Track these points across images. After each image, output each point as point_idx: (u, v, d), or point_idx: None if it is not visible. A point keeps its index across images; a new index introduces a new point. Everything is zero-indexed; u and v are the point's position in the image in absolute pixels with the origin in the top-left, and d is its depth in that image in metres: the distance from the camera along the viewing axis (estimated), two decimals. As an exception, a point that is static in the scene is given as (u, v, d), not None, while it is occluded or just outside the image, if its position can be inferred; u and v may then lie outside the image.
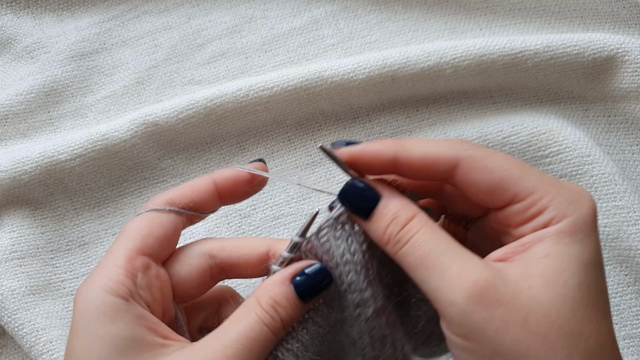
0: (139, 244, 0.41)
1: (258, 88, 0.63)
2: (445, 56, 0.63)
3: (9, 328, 0.59)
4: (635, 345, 0.60)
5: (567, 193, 0.38)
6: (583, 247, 0.36)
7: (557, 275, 0.35)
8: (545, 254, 0.36)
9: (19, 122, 0.66)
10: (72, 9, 0.70)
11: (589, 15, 0.68)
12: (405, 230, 0.38)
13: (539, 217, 0.37)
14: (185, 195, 0.45)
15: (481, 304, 0.35)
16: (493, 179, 0.38)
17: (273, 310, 0.39)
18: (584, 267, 0.36)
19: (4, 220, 0.62)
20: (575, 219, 0.37)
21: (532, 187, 0.37)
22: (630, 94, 0.64)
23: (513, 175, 0.38)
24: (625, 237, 0.61)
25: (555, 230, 0.37)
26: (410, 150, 0.39)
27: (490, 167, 0.38)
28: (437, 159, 0.38)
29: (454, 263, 0.36)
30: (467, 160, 0.38)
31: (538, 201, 0.37)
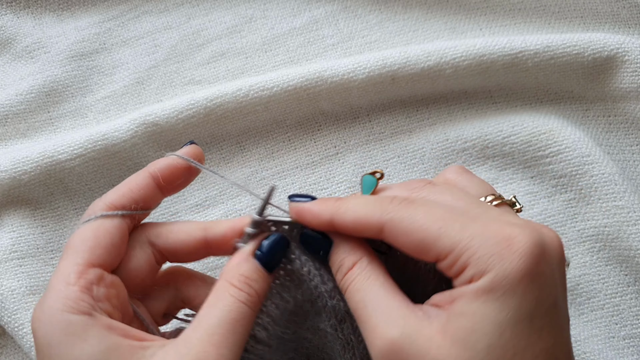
0: (88, 257, 0.40)
1: (258, 88, 0.63)
2: (445, 56, 0.63)
3: (9, 328, 0.59)
4: (635, 345, 0.60)
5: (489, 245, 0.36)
6: (502, 304, 0.35)
7: (466, 337, 0.35)
8: (461, 312, 0.35)
9: (19, 122, 0.66)
10: (72, 9, 0.70)
11: (589, 15, 0.68)
12: (345, 278, 0.40)
13: (461, 276, 0.36)
14: (125, 196, 0.44)
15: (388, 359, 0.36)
16: (414, 242, 0.37)
17: (247, 286, 0.40)
18: (499, 328, 0.35)
19: (4, 220, 0.62)
20: (494, 275, 0.35)
21: (450, 246, 0.36)
22: (630, 94, 0.64)
23: (431, 235, 0.37)
24: (625, 237, 0.61)
25: (472, 288, 0.36)
26: (343, 215, 0.40)
27: (409, 230, 0.37)
28: (365, 223, 0.39)
29: (374, 315, 0.37)
30: (389, 225, 0.38)
31: (458, 259, 0.36)
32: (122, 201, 0.43)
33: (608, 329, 0.61)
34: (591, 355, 0.60)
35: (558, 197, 0.64)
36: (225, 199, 0.65)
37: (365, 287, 0.39)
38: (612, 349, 0.60)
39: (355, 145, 0.66)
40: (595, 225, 0.62)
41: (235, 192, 0.66)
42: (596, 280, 0.62)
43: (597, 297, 0.62)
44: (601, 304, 0.62)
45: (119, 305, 0.42)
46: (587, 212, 0.63)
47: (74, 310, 0.38)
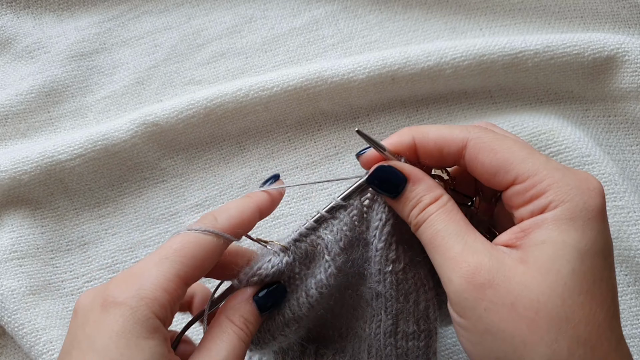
0: (190, 274, 0.41)
1: (258, 88, 0.63)
2: (445, 56, 0.63)
3: (9, 328, 0.59)
4: (636, 345, 0.60)
5: (570, 178, 0.38)
6: (581, 234, 0.37)
7: (550, 263, 0.36)
8: (542, 240, 0.37)
9: (19, 122, 0.66)
10: (72, 9, 0.70)
11: (589, 15, 0.68)
12: (424, 212, 0.41)
13: (536, 201, 0.38)
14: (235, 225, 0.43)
15: (474, 284, 0.37)
16: (497, 160, 0.39)
17: (245, 326, 0.43)
18: (580, 255, 0.36)
19: (4, 220, 0.62)
20: (574, 205, 0.37)
21: (534, 170, 0.38)
22: (630, 94, 0.64)
23: (517, 157, 0.38)
24: (625, 237, 0.61)
25: (552, 215, 0.37)
26: (426, 132, 0.42)
27: (495, 149, 0.39)
28: (448, 140, 0.41)
29: (456, 244, 0.39)
30: (474, 141, 0.40)
31: (538, 184, 0.38)
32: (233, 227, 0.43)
33: (608, 329, 0.61)
34: (591, 355, 0.60)
35: (558, 197, 0.64)
36: (225, 199, 0.65)
37: (448, 220, 0.40)
38: (612, 349, 0.60)
39: (355, 145, 0.66)
40: (595, 225, 0.62)
41: (236, 192, 0.66)
42: (596, 280, 0.62)
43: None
44: (601, 304, 0.62)
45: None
46: (587, 212, 0.63)
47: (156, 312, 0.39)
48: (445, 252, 0.39)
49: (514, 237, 0.38)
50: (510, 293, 0.36)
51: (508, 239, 0.39)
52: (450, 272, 0.38)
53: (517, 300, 0.36)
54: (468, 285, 0.37)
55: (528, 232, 0.38)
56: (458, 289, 0.38)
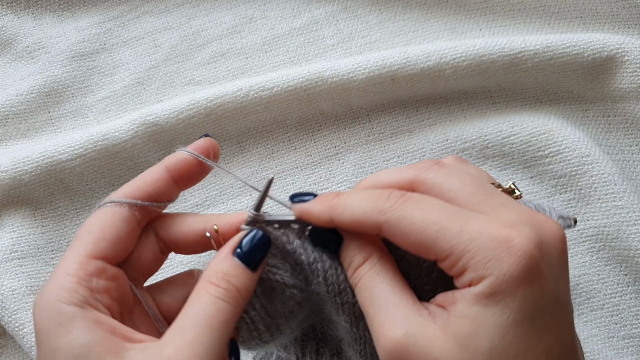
0: (91, 248, 0.40)
1: (258, 88, 0.63)
2: (445, 56, 0.63)
3: (9, 328, 0.59)
4: (635, 345, 0.60)
5: (487, 249, 0.35)
6: (502, 307, 0.35)
7: (468, 340, 0.35)
8: (463, 315, 0.36)
9: (20, 122, 0.66)
10: (73, 10, 0.70)
11: (588, 16, 0.68)
12: (355, 274, 0.40)
13: (461, 278, 0.37)
14: (139, 189, 0.43)
15: (393, 358, 0.36)
16: (413, 242, 0.37)
17: (226, 282, 0.40)
18: (499, 331, 0.35)
19: (5, 220, 0.63)
20: (494, 280, 0.35)
21: (448, 248, 0.36)
22: (629, 94, 0.64)
23: (430, 237, 0.37)
24: (625, 237, 0.61)
25: (472, 292, 0.36)
26: (340, 215, 0.40)
27: (407, 231, 0.37)
28: (363, 224, 0.39)
29: (379, 314, 0.38)
30: (386, 226, 0.38)
31: (457, 262, 0.36)
32: (135, 194, 0.43)
33: (607, 329, 0.61)
34: (591, 355, 0.60)
35: (558, 197, 0.64)
36: (225, 199, 0.65)
37: (374, 285, 0.39)
38: (611, 349, 0.60)
39: (355, 145, 0.66)
40: (594, 225, 0.62)
41: (236, 192, 0.66)
42: (596, 280, 0.62)
43: (597, 297, 0.62)
44: (601, 304, 0.62)
45: (118, 297, 0.42)
46: (586, 212, 0.63)
47: (66, 301, 0.38)
48: (372, 319, 0.38)
49: (445, 302, 0.38)
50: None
51: (443, 300, 0.38)
52: (376, 345, 0.38)
53: None
54: (389, 358, 0.37)
55: (455, 302, 0.37)
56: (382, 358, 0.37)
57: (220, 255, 0.41)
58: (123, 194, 0.43)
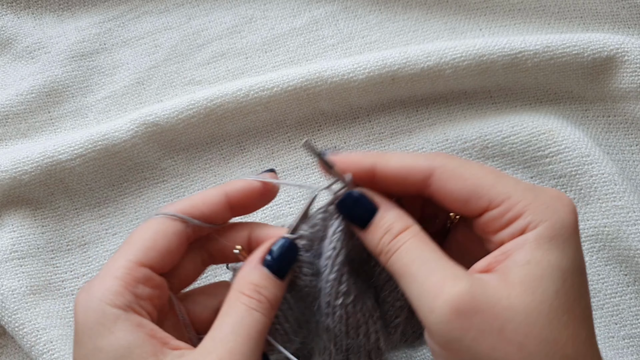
0: (141, 256, 0.41)
1: (258, 88, 0.63)
2: (445, 56, 0.63)
3: (9, 328, 0.59)
4: (635, 345, 0.60)
5: (543, 198, 0.37)
6: (562, 253, 0.36)
7: (535, 283, 0.36)
8: (526, 261, 0.36)
9: (20, 122, 0.66)
10: (73, 9, 0.70)
11: (588, 16, 0.68)
12: (395, 240, 0.39)
13: (515, 223, 0.37)
14: (195, 207, 0.44)
15: (458, 312, 0.35)
16: (467, 187, 0.38)
17: (257, 293, 0.40)
18: (563, 274, 0.36)
19: (4, 220, 0.63)
20: (553, 224, 0.36)
21: (506, 193, 0.37)
22: (629, 94, 0.64)
23: (487, 182, 0.38)
24: (625, 237, 0.61)
25: (534, 236, 0.36)
26: (388, 160, 0.40)
27: (464, 176, 0.38)
28: (412, 169, 0.39)
29: (434, 272, 0.37)
30: (440, 170, 0.38)
31: (514, 206, 0.37)
32: (191, 211, 0.44)
33: (607, 329, 0.61)
34: (591, 355, 0.60)
35: (558, 197, 0.64)
36: (225, 199, 0.65)
37: (423, 248, 0.39)
38: (611, 349, 0.60)
39: (355, 145, 0.66)
40: (594, 225, 0.62)
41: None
42: (596, 280, 0.62)
43: (597, 297, 0.62)
44: (601, 303, 0.62)
45: (159, 306, 0.43)
46: (586, 212, 0.63)
47: (111, 303, 0.39)
48: (423, 280, 0.37)
49: (494, 261, 0.38)
50: (497, 318, 0.35)
51: (488, 264, 0.38)
52: (432, 301, 0.36)
53: (504, 324, 0.35)
54: (452, 315, 0.35)
55: (509, 255, 0.37)
56: (442, 319, 0.35)
57: (250, 265, 0.42)
58: (180, 209, 0.44)
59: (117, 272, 0.40)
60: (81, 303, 0.40)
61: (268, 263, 0.42)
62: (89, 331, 0.39)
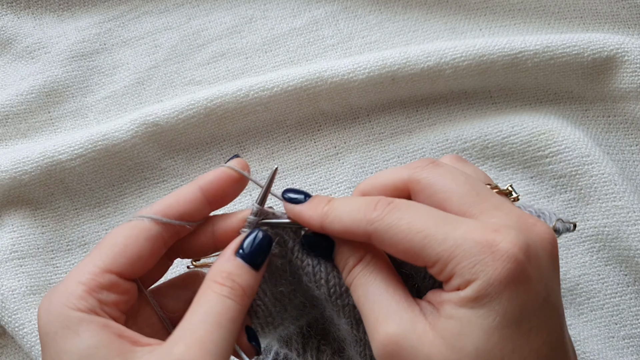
0: (109, 262, 0.40)
1: (258, 88, 0.63)
2: (445, 56, 0.63)
3: (9, 328, 0.59)
4: (635, 345, 0.60)
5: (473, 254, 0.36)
6: (488, 310, 0.36)
7: (454, 340, 0.36)
8: (449, 315, 0.37)
9: (20, 122, 0.66)
10: (73, 10, 0.70)
11: (588, 16, 0.68)
12: (349, 275, 0.41)
13: (449, 283, 0.37)
14: (170, 207, 0.43)
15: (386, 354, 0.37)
16: (401, 250, 0.38)
17: (230, 281, 0.40)
18: (485, 333, 0.36)
19: (4, 220, 0.63)
20: (479, 284, 0.36)
21: (435, 255, 0.37)
22: (629, 94, 0.64)
23: (416, 245, 0.38)
24: (625, 237, 0.61)
25: (458, 296, 0.37)
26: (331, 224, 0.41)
27: (394, 241, 0.38)
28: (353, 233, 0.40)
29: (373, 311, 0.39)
30: (374, 235, 0.39)
31: (444, 268, 0.37)
32: (167, 212, 0.42)
33: (607, 329, 0.61)
34: (591, 355, 0.60)
35: (558, 197, 0.64)
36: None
37: (368, 283, 0.40)
38: (611, 349, 0.60)
39: (355, 145, 0.66)
40: (594, 225, 0.62)
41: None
42: (596, 280, 0.62)
43: (597, 297, 0.62)
44: (601, 304, 0.62)
45: (126, 310, 0.42)
46: (586, 212, 0.63)
47: (73, 307, 0.38)
48: (366, 316, 0.39)
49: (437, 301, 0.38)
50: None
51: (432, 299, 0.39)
52: (370, 339, 0.39)
53: None
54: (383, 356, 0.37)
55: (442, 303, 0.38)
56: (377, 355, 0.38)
57: (224, 256, 0.42)
58: (155, 211, 0.42)
59: (82, 277, 0.40)
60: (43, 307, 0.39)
61: (242, 254, 0.41)
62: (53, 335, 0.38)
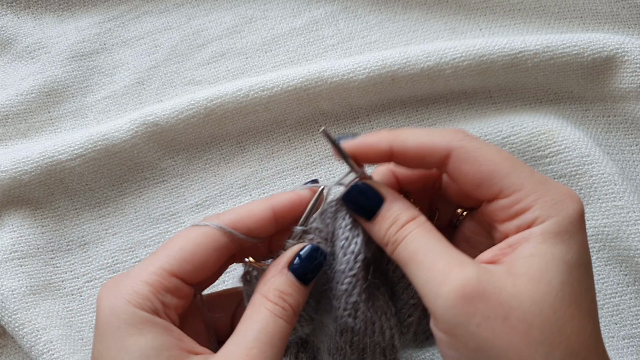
0: (176, 266, 0.41)
1: (258, 88, 0.63)
2: (445, 56, 0.63)
3: (9, 328, 0.59)
4: (635, 345, 0.60)
5: (553, 193, 0.38)
6: (568, 247, 0.37)
7: (540, 274, 0.36)
8: (531, 253, 0.37)
9: (20, 122, 0.66)
10: (73, 10, 0.70)
11: (588, 16, 0.68)
12: (402, 230, 0.39)
13: (523, 215, 0.38)
14: (241, 221, 0.43)
15: (464, 297, 0.35)
16: (481, 172, 0.38)
17: (282, 300, 0.40)
18: (568, 267, 0.36)
19: (4, 220, 0.63)
20: (561, 219, 0.37)
21: (518, 184, 0.38)
22: (629, 94, 0.64)
23: (502, 170, 0.38)
24: (625, 237, 0.61)
25: (540, 230, 0.37)
26: (405, 140, 0.40)
27: (480, 160, 0.38)
28: (430, 148, 0.39)
29: (441, 259, 0.37)
30: (458, 151, 0.39)
31: (523, 199, 0.38)
32: (237, 225, 0.42)
33: (607, 329, 0.61)
34: (591, 355, 0.60)
35: (558, 197, 0.64)
36: (225, 199, 0.65)
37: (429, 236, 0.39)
38: (611, 349, 0.60)
39: (355, 146, 0.66)
40: (594, 225, 0.62)
41: (236, 192, 0.66)
42: (596, 280, 0.62)
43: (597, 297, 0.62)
44: (600, 304, 0.62)
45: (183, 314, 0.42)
46: (586, 212, 0.63)
47: (139, 306, 0.39)
48: (429, 267, 0.37)
49: (499, 253, 0.38)
50: (503, 306, 0.35)
51: (493, 255, 0.38)
52: (438, 287, 0.36)
53: (509, 312, 0.35)
54: (458, 300, 0.36)
55: (515, 247, 0.37)
56: (447, 305, 0.36)
57: (276, 268, 0.42)
58: (226, 221, 0.42)
59: (148, 277, 0.40)
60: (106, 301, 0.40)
61: (294, 267, 0.41)
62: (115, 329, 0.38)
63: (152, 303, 0.39)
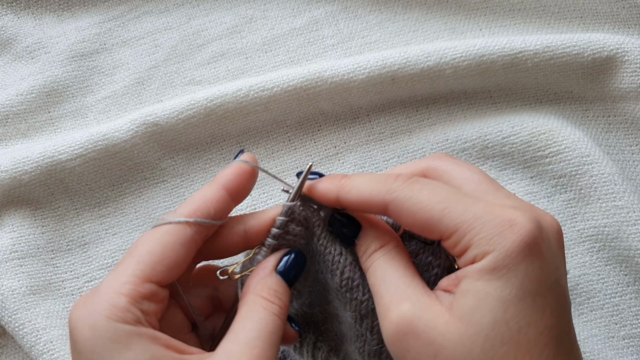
0: (148, 272, 0.40)
1: (258, 88, 0.63)
2: (445, 56, 0.63)
3: (9, 328, 0.59)
4: (635, 345, 0.60)
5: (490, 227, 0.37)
6: (504, 282, 0.36)
7: (471, 313, 0.36)
8: (466, 290, 0.37)
9: (20, 122, 0.66)
10: (73, 9, 0.70)
11: (588, 16, 0.68)
12: (369, 259, 0.42)
13: (465, 255, 0.38)
14: (200, 209, 0.42)
15: (399, 333, 0.37)
16: (417, 221, 0.39)
17: (276, 298, 0.41)
18: (502, 304, 0.36)
19: (4, 220, 0.63)
20: (497, 255, 0.36)
21: (453, 226, 0.38)
22: (629, 94, 0.64)
23: (434, 215, 0.38)
24: (625, 237, 0.61)
25: (476, 268, 0.37)
26: (348, 193, 0.42)
27: (413, 210, 0.39)
28: (368, 201, 0.41)
29: (388, 292, 0.39)
30: (393, 204, 0.39)
31: (461, 239, 0.37)
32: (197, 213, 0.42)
33: (607, 329, 0.61)
34: (591, 355, 0.60)
35: (558, 197, 0.64)
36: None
37: (387, 267, 0.41)
38: (611, 349, 0.60)
39: (355, 145, 0.66)
40: (594, 225, 0.62)
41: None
42: (596, 280, 0.62)
43: (597, 297, 0.62)
44: (601, 304, 0.62)
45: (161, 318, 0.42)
46: (586, 212, 0.63)
47: (120, 320, 0.38)
48: (379, 299, 0.39)
49: (451, 284, 0.39)
50: (433, 344, 0.36)
51: (447, 284, 0.39)
52: (382, 320, 0.39)
53: (439, 350, 0.36)
54: (395, 335, 0.37)
55: (458, 282, 0.38)
56: (387, 337, 0.38)
57: (265, 270, 0.43)
58: (185, 213, 0.42)
59: (122, 288, 0.39)
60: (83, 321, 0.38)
61: (280, 271, 0.43)
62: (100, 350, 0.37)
63: (132, 314, 0.38)
